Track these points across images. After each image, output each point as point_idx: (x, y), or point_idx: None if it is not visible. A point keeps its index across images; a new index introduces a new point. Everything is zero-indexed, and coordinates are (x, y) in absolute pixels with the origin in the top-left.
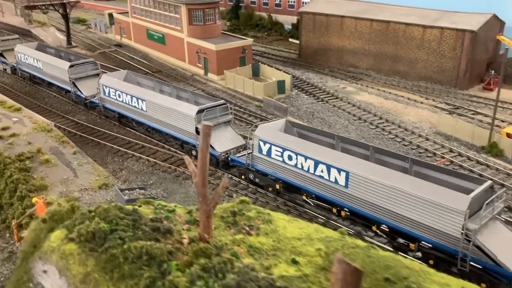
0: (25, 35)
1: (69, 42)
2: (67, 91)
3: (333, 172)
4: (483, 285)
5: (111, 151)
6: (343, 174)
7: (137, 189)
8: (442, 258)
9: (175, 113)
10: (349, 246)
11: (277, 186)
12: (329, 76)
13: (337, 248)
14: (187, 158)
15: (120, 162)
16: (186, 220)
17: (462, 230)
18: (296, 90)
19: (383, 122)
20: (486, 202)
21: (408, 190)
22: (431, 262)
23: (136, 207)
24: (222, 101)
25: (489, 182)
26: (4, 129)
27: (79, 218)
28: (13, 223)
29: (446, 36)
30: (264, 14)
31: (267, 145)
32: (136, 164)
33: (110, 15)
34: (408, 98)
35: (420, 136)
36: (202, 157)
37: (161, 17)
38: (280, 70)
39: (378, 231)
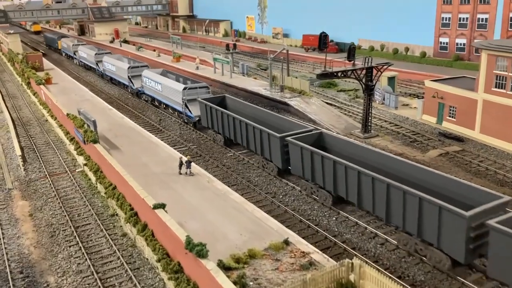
0: (280, 108)
1: (366, 129)
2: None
3: (159, 85)
4: (193, 126)
5: None
6: (160, 85)
7: None
8: (180, 115)
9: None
10: None
11: (150, 100)
12: None
13: None
14: None
15: None
16: None
17: (182, 99)
18: None
19: None
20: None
21: (170, 85)
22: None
23: None
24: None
25: (204, 83)
26: None
27: None
28: None
29: None
30: None
31: (145, 79)
32: None
33: (392, 79)
34: None
35: None
36: None
37: None
38: None
39: (171, 110)
